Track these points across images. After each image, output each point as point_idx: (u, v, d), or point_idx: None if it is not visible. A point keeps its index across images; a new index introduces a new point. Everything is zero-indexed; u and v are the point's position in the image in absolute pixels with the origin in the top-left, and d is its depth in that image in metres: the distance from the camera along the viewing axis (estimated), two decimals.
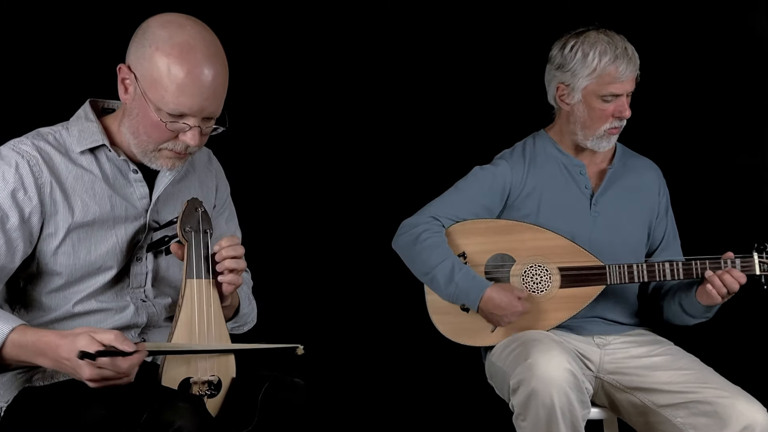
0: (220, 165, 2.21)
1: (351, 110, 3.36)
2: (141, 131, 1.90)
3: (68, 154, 1.94)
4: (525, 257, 2.58)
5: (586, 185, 2.63)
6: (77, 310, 1.95)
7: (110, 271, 1.96)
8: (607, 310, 2.61)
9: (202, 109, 1.86)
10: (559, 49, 2.57)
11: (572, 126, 2.60)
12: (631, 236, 2.63)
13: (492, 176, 2.63)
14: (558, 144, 2.66)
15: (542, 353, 2.31)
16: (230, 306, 2.08)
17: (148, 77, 1.85)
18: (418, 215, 2.62)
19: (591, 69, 2.50)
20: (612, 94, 2.51)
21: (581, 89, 2.53)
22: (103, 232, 1.95)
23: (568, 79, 2.55)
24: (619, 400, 2.54)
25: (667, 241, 2.68)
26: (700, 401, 2.36)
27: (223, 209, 2.20)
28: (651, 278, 2.52)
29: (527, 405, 2.30)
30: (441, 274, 2.51)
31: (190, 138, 1.89)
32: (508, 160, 2.65)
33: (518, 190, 2.61)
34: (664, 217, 2.69)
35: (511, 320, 2.50)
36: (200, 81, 1.83)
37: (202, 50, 1.84)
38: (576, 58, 2.52)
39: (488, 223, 2.61)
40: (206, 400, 1.88)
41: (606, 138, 2.58)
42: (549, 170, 2.64)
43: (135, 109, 1.90)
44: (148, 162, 1.95)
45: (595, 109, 2.54)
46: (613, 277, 2.53)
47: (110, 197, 1.95)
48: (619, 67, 2.49)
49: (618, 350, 2.59)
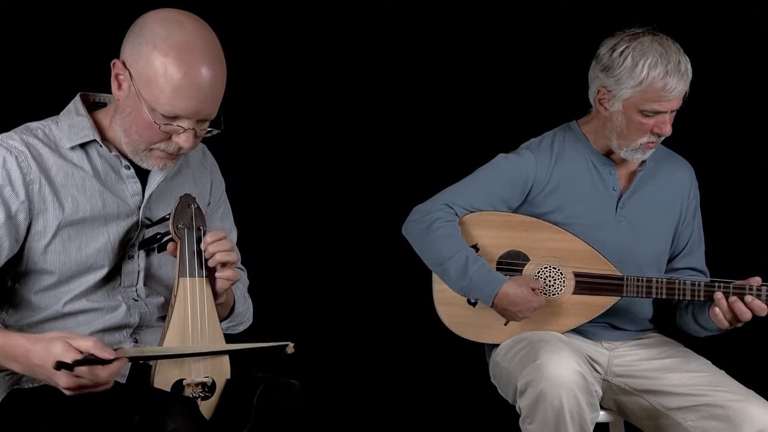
0: (215, 161, 2.18)
1: (359, 91, 3.30)
2: (133, 130, 1.87)
3: (58, 149, 1.91)
4: (540, 257, 2.51)
5: (615, 186, 2.53)
6: (67, 309, 1.91)
7: (101, 269, 1.93)
8: (619, 318, 2.55)
9: (197, 112, 1.83)
10: (609, 49, 2.41)
11: (608, 132, 2.48)
12: (656, 244, 2.55)
13: (515, 168, 2.52)
14: (590, 141, 2.55)
15: (551, 354, 2.27)
16: (225, 304, 2.04)
17: (144, 76, 1.81)
18: (431, 201, 2.54)
19: (637, 81, 2.35)
20: (655, 111, 2.38)
21: (623, 99, 2.39)
22: (95, 230, 1.91)
23: (612, 85, 2.40)
24: (627, 403, 2.50)
25: (690, 247, 2.60)
26: (712, 404, 2.32)
27: (217, 206, 2.17)
28: (670, 296, 2.43)
29: (535, 407, 2.26)
30: (454, 267, 2.44)
31: (183, 140, 1.86)
32: (534, 151, 2.55)
33: (541, 185, 2.52)
34: (692, 221, 2.60)
35: (526, 315, 2.44)
36: (197, 83, 1.80)
37: (201, 51, 1.81)
38: (624, 65, 2.36)
39: (505, 217, 2.53)
40: (200, 402, 1.86)
41: (641, 151, 2.46)
42: (576, 167, 2.54)
43: (128, 107, 1.86)
44: (139, 161, 1.92)
45: (634, 121, 2.40)
46: (630, 289, 2.44)
47: (101, 194, 1.92)
48: (668, 84, 2.34)
49: (627, 352, 2.54)
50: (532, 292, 2.42)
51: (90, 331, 1.91)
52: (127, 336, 1.97)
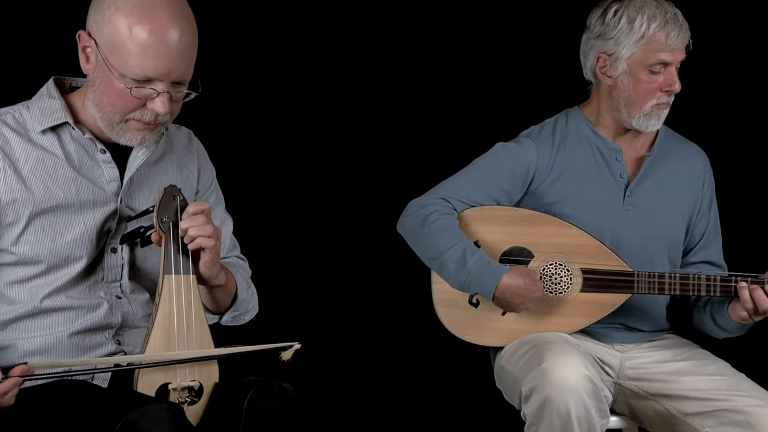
0: (203, 147, 2.13)
1: (354, 81, 3.26)
2: (105, 102, 1.83)
3: (28, 134, 1.88)
4: (545, 253, 2.44)
5: (622, 173, 2.48)
6: (45, 305, 1.87)
7: (80, 261, 1.88)
8: (632, 317, 2.48)
9: (169, 72, 1.79)
10: (600, 15, 2.41)
11: (615, 102, 2.44)
12: (667, 234, 2.49)
13: (515, 157, 2.47)
14: (593, 125, 2.51)
15: (557, 357, 2.21)
16: (226, 289, 1.99)
17: (109, 42, 1.78)
18: (427, 195, 2.48)
19: (639, 35, 2.34)
20: (662, 62, 2.35)
21: (626, 59, 2.37)
22: (69, 219, 1.87)
23: (611, 47, 2.38)
24: (640, 408, 2.44)
25: (707, 240, 2.54)
26: (731, 410, 2.27)
27: (207, 194, 2.11)
28: (684, 292, 2.37)
29: (541, 414, 2.19)
30: (451, 260, 2.37)
31: (159, 105, 1.81)
32: (534, 139, 2.50)
33: (543, 175, 2.46)
34: (707, 212, 2.55)
35: (528, 306, 2.38)
36: (165, 41, 1.77)
37: (165, 8, 1.78)
38: (620, 24, 2.36)
39: (507, 212, 2.46)
40: (186, 407, 1.82)
41: (655, 115, 2.42)
42: (580, 154, 2.48)
43: (98, 78, 1.83)
44: (116, 136, 1.87)
45: (641, 81, 2.37)
46: (641, 286, 2.39)
47: (75, 180, 1.88)
48: (670, 32, 2.34)
49: (641, 354, 2.47)
50: (533, 280, 2.37)
51: (69, 332, 1.87)
52: (109, 337, 1.92)
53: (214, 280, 1.91)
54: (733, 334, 2.44)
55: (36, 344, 1.84)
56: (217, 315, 2.03)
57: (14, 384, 1.65)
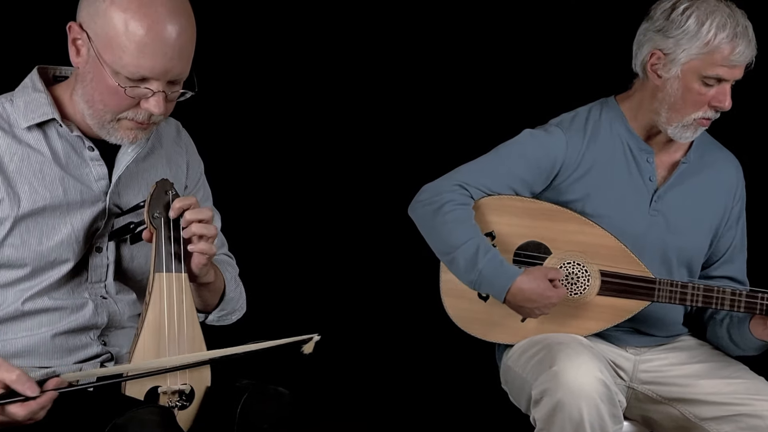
0: (191, 140, 2.08)
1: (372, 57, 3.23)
2: (96, 99, 1.77)
3: (12, 131, 1.82)
4: (563, 251, 2.37)
5: (651, 177, 2.39)
6: (27, 308, 1.81)
7: (66, 264, 1.83)
8: (647, 323, 2.42)
9: (166, 72, 1.74)
10: (666, 9, 2.29)
11: (657, 104, 2.34)
12: (691, 245, 2.42)
13: (542, 147, 2.38)
14: (628, 121, 2.42)
15: (570, 359, 2.17)
16: (214, 288, 1.95)
17: (103, 36, 1.72)
18: (443, 180, 2.40)
19: (703, 42, 2.22)
20: (718, 77, 2.25)
21: (682, 63, 2.26)
22: (56, 221, 1.82)
23: (670, 47, 2.26)
24: (655, 413, 2.41)
25: (731, 254, 2.47)
26: (750, 414, 2.24)
27: (195, 189, 2.07)
28: (706, 304, 2.31)
29: (552, 419, 2.16)
30: (463, 257, 2.31)
31: (153, 105, 1.75)
32: (565, 130, 2.40)
33: (570, 169, 2.38)
34: (735, 225, 2.47)
35: (544, 312, 2.32)
36: (163, 38, 1.71)
37: (163, 3, 1.72)
38: (686, 25, 2.23)
39: (528, 203, 2.39)
40: (177, 412, 1.78)
41: (692, 128, 2.33)
42: (610, 150, 2.40)
43: (89, 73, 1.76)
44: (106, 135, 1.81)
45: (692, 90, 2.26)
46: (662, 294, 2.32)
47: (62, 180, 1.83)
48: (736, 47, 2.22)
49: (655, 357, 2.43)
50: (550, 285, 2.30)
51: (53, 333, 1.82)
52: (94, 338, 1.87)
53: (203, 278, 1.87)
54: (748, 353, 2.38)
55: (17, 346, 1.80)
56: (202, 314, 1.98)
57: (51, 399, 1.61)
